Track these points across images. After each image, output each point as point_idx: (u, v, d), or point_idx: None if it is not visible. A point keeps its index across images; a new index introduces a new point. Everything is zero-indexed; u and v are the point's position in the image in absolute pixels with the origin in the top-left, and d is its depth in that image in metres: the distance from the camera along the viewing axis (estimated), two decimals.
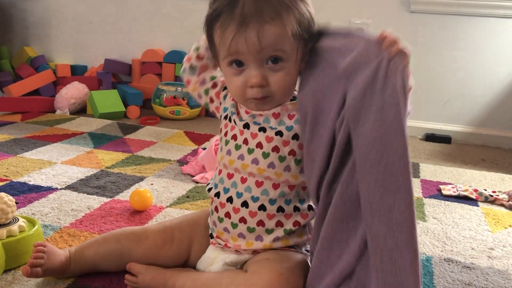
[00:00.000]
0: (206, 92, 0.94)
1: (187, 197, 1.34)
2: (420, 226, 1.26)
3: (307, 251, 0.88)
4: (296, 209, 0.84)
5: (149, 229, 0.93)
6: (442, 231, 1.23)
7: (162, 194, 1.35)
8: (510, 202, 1.44)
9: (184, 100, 2.31)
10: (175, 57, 2.47)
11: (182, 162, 1.65)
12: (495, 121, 2.22)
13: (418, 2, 2.17)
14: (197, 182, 1.46)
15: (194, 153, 1.74)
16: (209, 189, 0.89)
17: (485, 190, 1.52)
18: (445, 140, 2.22)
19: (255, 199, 0.82)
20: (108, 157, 1.65)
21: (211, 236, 0.89)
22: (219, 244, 0.87)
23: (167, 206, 1.27)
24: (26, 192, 1.30)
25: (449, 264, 1.06)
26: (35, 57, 2.60)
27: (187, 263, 0.92)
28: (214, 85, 0.93)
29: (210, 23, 0.80)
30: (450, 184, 1.60)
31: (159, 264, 0.89)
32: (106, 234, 0.93)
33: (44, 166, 1.52)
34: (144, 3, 2.55)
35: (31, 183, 1.37)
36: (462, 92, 2.23)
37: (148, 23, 2.57)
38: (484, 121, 2.24)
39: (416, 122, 2.31)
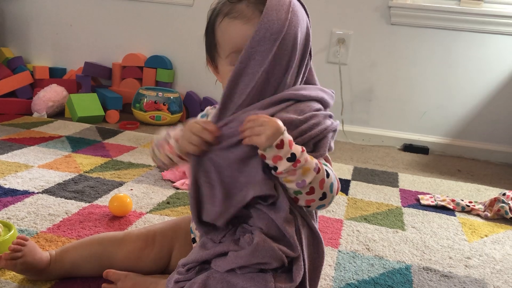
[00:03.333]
0: None
1: (168, 203, 1.33)
2: (399, 235, 1.27)
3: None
4: None
5: (131, 233, 0.92)
6: (421, 240, 1.25)
7: (142, 200, 1.33)
8: (486, 212, 1.48)
9: (164, 105, 2.29)
10: (156, 62, 2.46)
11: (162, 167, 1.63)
12: (471, 133, 2.27)
13: (398, 14, 2.21)
14: (177, 188, 1.45)
15: None
16: None
17: (462, 200, 1.55)
18: (423, 150, 2.26)
19: None
20: (86, 162, 1.62)
21: (194, 241, 0.88)
22: None
23: (147, 212, 1.25)
24: (1, 196, 1.26)
25: (427, 272, 1.08)
26: (12, 58, 2.54)
27: (168, 269, 0.91)
28: None
29: (214, 19, 0.80)
30: (428, 194, 1.63)
31: (139, 268, 0.88)
32: (87, 238, 0.92)
33: (21, 169, 1.48)
34: (126, 7, 2.53)
35: (6, 186, 1.33)
36: (439, 104, 2.28)
37: (130, 27, 2.55)
38: (461, 132, 2.29)
39: (395, 133, 2.34)
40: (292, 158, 0.69)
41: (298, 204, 0.75)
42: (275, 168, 0.70)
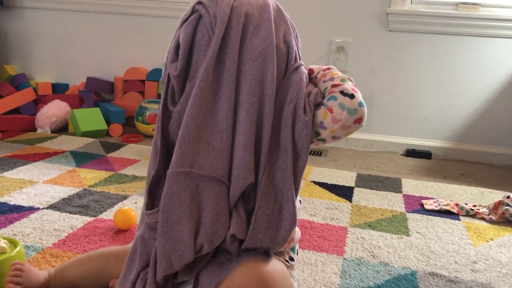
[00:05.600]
0: None
1: None
2: (404, 240, 1.27)
3: (287, 261, 0.88)
4: None
5: (129, 247, 0.92)
6: (426, 246, 1.25)
7: None
8: (490, 216, 1.47)
9: None
10: (158, 75, 2.47)
11: None
12: (473, 136, 2.27)
13: (396, 21, 2.22)
14: None
15: None
16: None
17: (466, 204, 1.55)
18: (426, 155, 2.26)
19: None
20: (90, 176, 1.63)
21: None
22: None
23: None
24: (6, 213, 1.27)
25: (433, 278, 1.07)
26: (16, 75, 2.57)
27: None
28: None
29: None
30: (432, 198, 1.62)
31: None
32: (86, 254, 0.93)
33: (25, 185, 1.49)
34: (126, 21, 2.55)
35: (11, 203, 1.34)
36: (441, 108, 2.28)
37: (131, 41, 2.57)
38: (463, 136, 2.29)
39: (397, 138, 2.35)
40: None
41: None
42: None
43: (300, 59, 0.85)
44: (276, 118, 0.78)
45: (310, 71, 0.86)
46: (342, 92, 0.78)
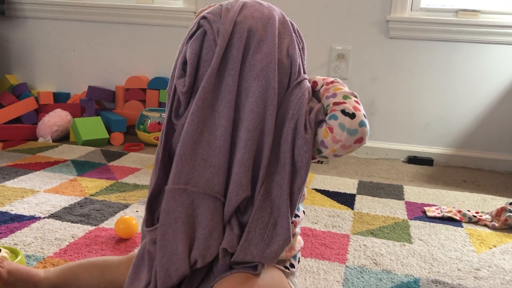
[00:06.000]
0: None
1: None
2: (406, 248, 1.27)
3: (287, 267, 0.87)
4: None
5: (124, 258, 0.94)
6: (429, 253, 1.24)
7: None
8: (493, 223, 1.47)
9: None
10: (159, 83, 2.48)
11: None
12: (475, 142, 2.27)
13: (396, 28, 2.23)
14: None
15: None
16: None
17: (469, 211, 1.54)
18: (428, 162, 2.26)
19: None
20: (92, 185, 1.63)
21: None
22: None
23: None
24: (8, 222, 1.27)
25: (436, 285, 1.07)
26: (17, 84, 2.58)
27: None
28: None
29: None
30: (434, 205, 1.62)
31: None
32: (83, 266, 0.92)
33: (27, 194, 1.49)
34: (128, 30, 2.56)
35: (13, 212, 1.34)
36: (442, 115, 2.28)
37: (132, 50, 2.58)
38: (465, 143, 2.28)
39: (399, 145, 2.34)
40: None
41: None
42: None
43: (304, 72, 0.85)
44: (277, 133, 0.79)
45: (314, 84, 0.86)
46: (343, 111, 0.77)
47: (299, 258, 0.92)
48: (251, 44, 0.78)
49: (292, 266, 0.88)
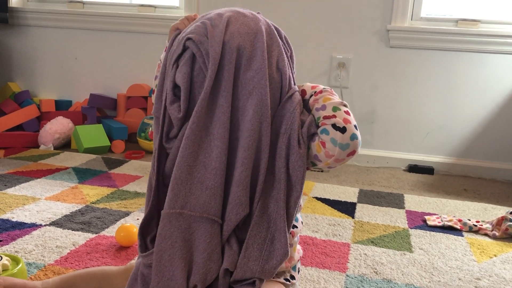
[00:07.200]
0: None
1: None
2: (407, 257, 1.27)
3: (287, 279, 0.87)
4: None
5: (119, 268, 0.93)
6: (429, 262, 1.24)
7: None
8: (494, 232, 1.47)
9: None
10: None
11: None
12: (476, 151, 2.27)
13: (397, 37, 2.24)
14: None
15: None
16: None
17: (469, 220, 1.54)
18: (428, 171, 2.26)
19: None
20: (93, 192, 1.63)
21: None
22: None
23: None
24: (9, 229, 1.27)
25: None
26: (19, 92, 2.59)
27: None
28: None
29: None
30: (435, 214, 1.62)
31: None
32: (80, 276, 0.92)
33: (28, 202, 1.50)
34: (129, 38, 2.58)
35: (14, 220, 1.35)
36: (442, 123, 2.29)
37: (133, 58, 2.59)
38: (465, 152, 2.29)
39: (399, 154, 2.35)
40: None
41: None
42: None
43: (294, 83, 0.84)
44: (271, 148, 0.79)
45: (303, 93, 0.85)
46: (334, 126, 0.77)
47: (298, 268, 0.92)
48: (241, 63, 0.78)
49: (293, 277, 0.88)
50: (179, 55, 0.79)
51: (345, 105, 0.81)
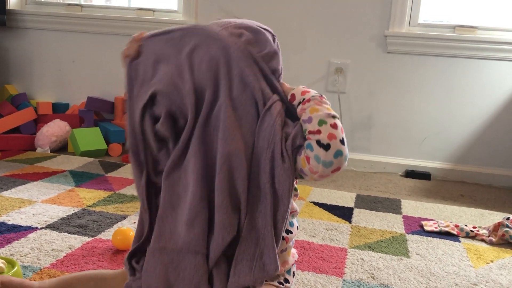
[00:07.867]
0: None
1: None
2: (404, 262, 1.27)
3: (281, 283, 0.87)
4: None
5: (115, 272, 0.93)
6: (426, 267, 1.24)
7: None
8: (490, 237, 1.47)
9: None
10: None
11: None
12: (473, 157, 2.28)
13: (394, 43, 2.25)
14: None
15: None
16: None
17: (466, 225, 1.54)
18: (425, 176, 2.26)
19: None
20: (89, 196, 1.63)
21: None
22: None
23: None
24: (4, 232, 1.27)
25: None
26: (16, 95, 2.58)
27: None
28: None
29: None
30: (432, 220, 1.62)
31: None
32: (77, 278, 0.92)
33: (24, 205, 1.49)
34: (127, 42, 2.57)
35: (10, 222, 1.34)
36: (440, 129, 2.29)
37: None
38: (462, 157, 2.29)
39: (396, 159, 2.35)
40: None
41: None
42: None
43: (276, 87, 0.83)
44: (256, 164, 0.79)
45: (292, 98, 0.83)
46: (318, 142, 0.75)
47: (293, 272, 0.92)
48: (207, 103, 0.80)
49: (287, 281, 0.88)
50: (146, 103, 0.85)
51: (333, 116, 0.77)
